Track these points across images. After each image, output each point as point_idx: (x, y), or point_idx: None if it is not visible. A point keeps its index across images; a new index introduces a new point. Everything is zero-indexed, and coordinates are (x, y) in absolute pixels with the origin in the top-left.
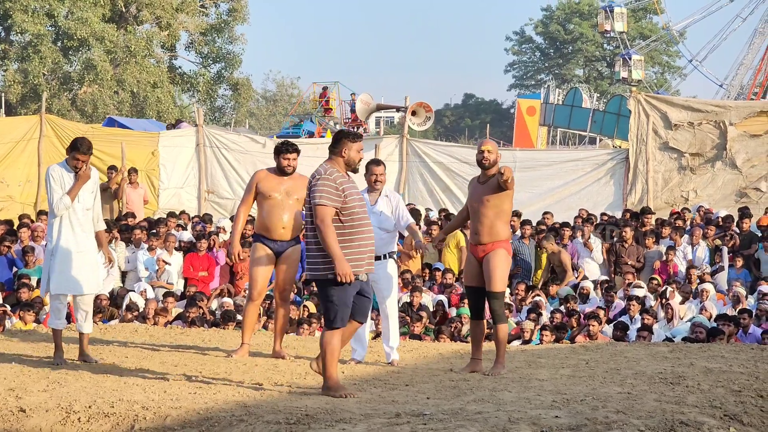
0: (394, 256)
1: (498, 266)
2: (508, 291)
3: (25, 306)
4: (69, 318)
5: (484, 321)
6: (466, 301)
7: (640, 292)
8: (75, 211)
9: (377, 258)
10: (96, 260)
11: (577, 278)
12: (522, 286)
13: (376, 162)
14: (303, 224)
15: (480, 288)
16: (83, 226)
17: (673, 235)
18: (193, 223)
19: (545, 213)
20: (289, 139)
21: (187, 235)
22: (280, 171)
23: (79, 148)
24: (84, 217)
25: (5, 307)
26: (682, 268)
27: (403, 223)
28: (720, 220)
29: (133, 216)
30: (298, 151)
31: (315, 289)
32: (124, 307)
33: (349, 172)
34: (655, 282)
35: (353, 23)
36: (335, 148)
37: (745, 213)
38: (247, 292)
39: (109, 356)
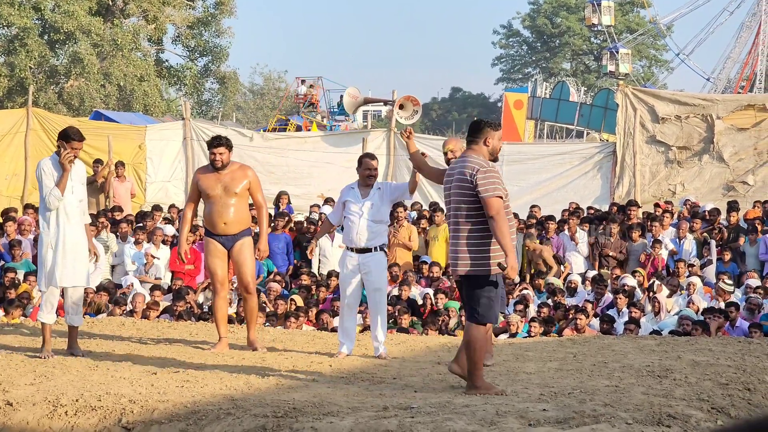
0: (384, 248)
1: None
2: None
3: (11, 301)
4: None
5: None
6: (455, 294)
7: (630, 281)
8: (70, 203)
9: (368, 250)
10: (87, 252)
11: (563, 272)
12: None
13: (370, 156)
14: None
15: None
16: (77, 218)
17: (652, 228)
18: (180, 216)
19: (533, 206)
20: (271, 134)
21: (171, 229)
22: (212, 166)
23: (73, 137)
24: (77, 209)
25: None
26: (668, 260)
27: (404, 188)
28: (707, 213)
29: (121, 209)
30: (224, 145)
31: (303, 282)
32: (130, 298)
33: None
34: (639, 275)
35: (340, 17)
36: (478, 137)
37: (732, 206)
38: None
39: (97, 350)
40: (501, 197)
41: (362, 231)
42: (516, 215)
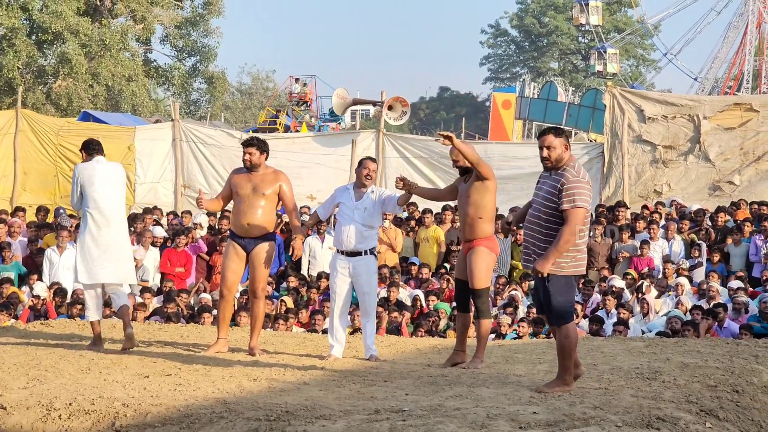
0: (374, 252)
1: (478, 264)
2: None
3: (1, 306)
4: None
5: (470, 314)
6: (445, 295)
7: (618, 283)
8: None
9: (358, 254)
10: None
11: None
12: (502, 280)
13: (372, 159)
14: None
15: (465, 281)
16: None
17: (650, 230)
18: (168, 219)
19: (512, 208)
20: (258, 134)
21: (159, 231)
22: (244, 165)
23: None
24: None
25: None
26: (658, 262)
27: (394, 202)
28: (692, 214)
29: None
30: (255, 146)
31: (291, 284)
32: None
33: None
34: (629, 277)
35: (328, 17)
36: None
37: (721, 208)
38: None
39: (88, 352)
40: (583, 207)
41: (353, 235)
42: (502, 216)
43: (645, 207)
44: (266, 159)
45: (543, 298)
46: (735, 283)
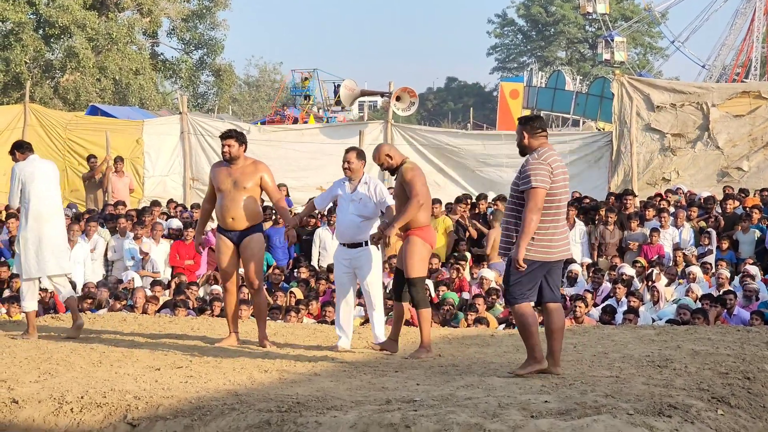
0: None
1: (411, 253)
2: (495, 275)
3: (13, 299)
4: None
5: (404, 304)
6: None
7: (628, 271)
8: None
9: (358, 245)
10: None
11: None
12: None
13: (349, 149)
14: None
15: (401, 270)
16: None
17: (660, 218)
18: (179, 211)
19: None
20: (267, 126)
21: (176, 223)
22: (222, 158)
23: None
24: None
25: None
26: (668, 250)
27: (382, 205)
28: (702, 200)
29: (124, 204)
30: (233, 137)
31: (302, 275)
32: (131, 293)
33: None
34: (639, 265)
35: (336, 8)
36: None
37: (729, 195)
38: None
39: (100, 346)
40: (540, 188)
41: (349, 226)
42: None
43: (659, 195)
44: (245, 151)
45: (503, 277)
46: (750, 268)
